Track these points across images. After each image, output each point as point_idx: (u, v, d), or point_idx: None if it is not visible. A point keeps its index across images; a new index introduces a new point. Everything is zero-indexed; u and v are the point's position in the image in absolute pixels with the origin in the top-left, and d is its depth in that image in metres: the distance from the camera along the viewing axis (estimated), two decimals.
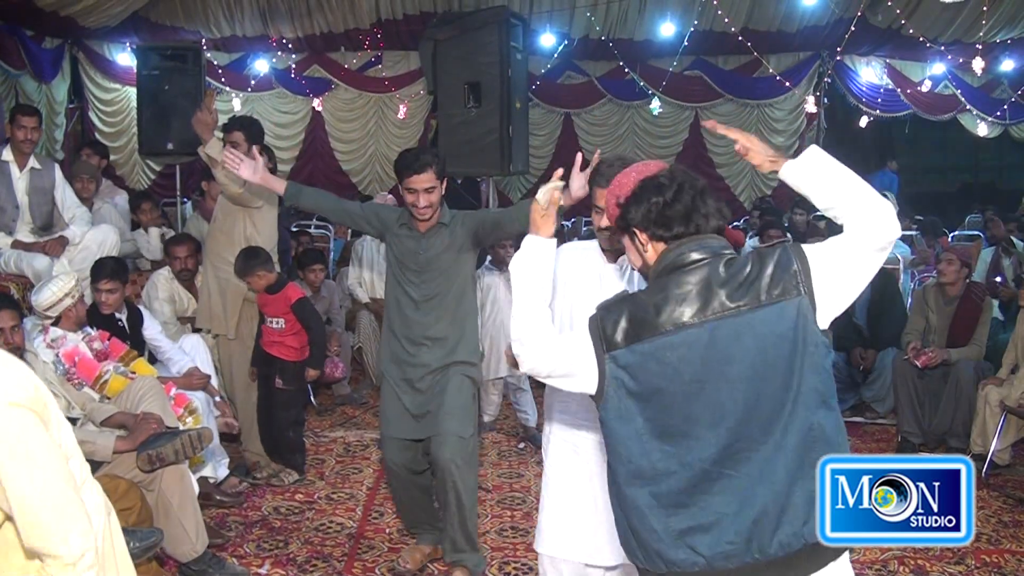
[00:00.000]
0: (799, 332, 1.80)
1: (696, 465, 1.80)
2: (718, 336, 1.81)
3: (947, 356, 5.24)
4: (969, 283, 5.50)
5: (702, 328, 1.81)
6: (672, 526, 1.80)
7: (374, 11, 11.19)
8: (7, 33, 9.26)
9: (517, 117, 5.80)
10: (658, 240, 1.92)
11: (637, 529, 1.86)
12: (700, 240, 1.89)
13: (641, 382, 1.84)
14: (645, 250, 1.95)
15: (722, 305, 1.81)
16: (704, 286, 1.83)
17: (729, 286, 1.82)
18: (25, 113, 5.05)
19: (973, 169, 14.76)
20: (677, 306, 1.82)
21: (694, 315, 1.81)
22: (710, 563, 1.78)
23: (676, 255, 1.88)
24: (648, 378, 1.83)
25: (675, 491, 1.81)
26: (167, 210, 8.28)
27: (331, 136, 12.39)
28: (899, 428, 5.51)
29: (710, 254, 1.87)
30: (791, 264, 1.83)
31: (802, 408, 1.79)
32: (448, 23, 6.33)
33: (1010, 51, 11.10)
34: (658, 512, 1.82)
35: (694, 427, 1.81)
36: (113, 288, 4.38)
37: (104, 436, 3.53)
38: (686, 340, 1.81)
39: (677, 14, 11.11)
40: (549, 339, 2.02)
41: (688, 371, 1.81)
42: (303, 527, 4.27)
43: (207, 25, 11.24)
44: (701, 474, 1.80)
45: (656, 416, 1.83)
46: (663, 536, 1.81)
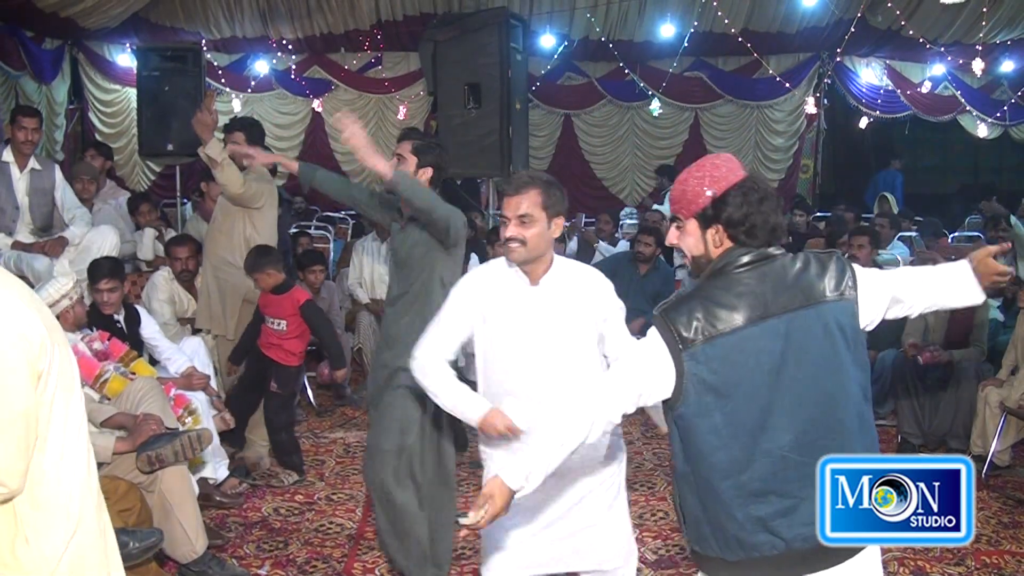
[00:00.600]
0: (852, 329, 1.96)
1: (775, 453, 1.90)
2: (793, 328, 1.93)
3: (950, 357, 5.24)
4: None
5: (780, 320, 1.92)
6: (753, 513, 1.89)
7: (374, 12, 11.20)
8: (7, 34, 9.27)
9: (517, 118, 5.82)
10: (732, 240, 2.01)
11: (716, 519, 1.94)
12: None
13: (722, 375, 1.92)
14: (716, 244, 2.02)
15: (796, 299, 1.94)
16: (779, 281, 1.95)
17: (800, 282, 1.96)
18: (26, 114, 5.06)
19: (973, 170, 14.74)
20: (757, 300, 1.93)
21: (773, 308, 1.93)
22: (789, 545, 1.89)
23: (748, 253, 1.99)
24: (729, 371, 1.92)
25: (756, 480, 1.90)
26: (167, 211, 8.29)
27: (331, 137, 12.37)
28: (899, 429, 5.51)
29: (777, 252, 2.01)
30: (846, 270, 1.99)
31: (853, 398, 1.94)
32: (448, 24, 6.35)
33: (1010, 52, 11.10)
34: (740, 501, 1.90)
35: (771, 417, 1.91)
36: (113, 287, 4.39)
37: (104, 437, 3.53)
38: (766, 332, 1.92)
39: (677, 15, 11.12)
40: (610, 387, 2.04)
41: (768, 362, 1.92)
42: (303, 528, 4.27)
43: (207, 26, 11.24)
44: (780, 461, 1.90)
45: (735, 409, 1.91)
46: (745, 524, 1.90)
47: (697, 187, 2.04)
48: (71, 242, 5.02)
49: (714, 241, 2.02)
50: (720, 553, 1.96)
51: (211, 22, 11.21)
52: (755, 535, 1.91)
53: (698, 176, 2.05)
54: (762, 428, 1.91)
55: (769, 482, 1.91)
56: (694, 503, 1.99)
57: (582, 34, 11.60)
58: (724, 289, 1.96)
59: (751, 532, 1.91)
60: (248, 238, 4.84)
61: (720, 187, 2.01)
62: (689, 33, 11.02)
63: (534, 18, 10.82)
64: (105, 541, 1.91)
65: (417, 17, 11.11)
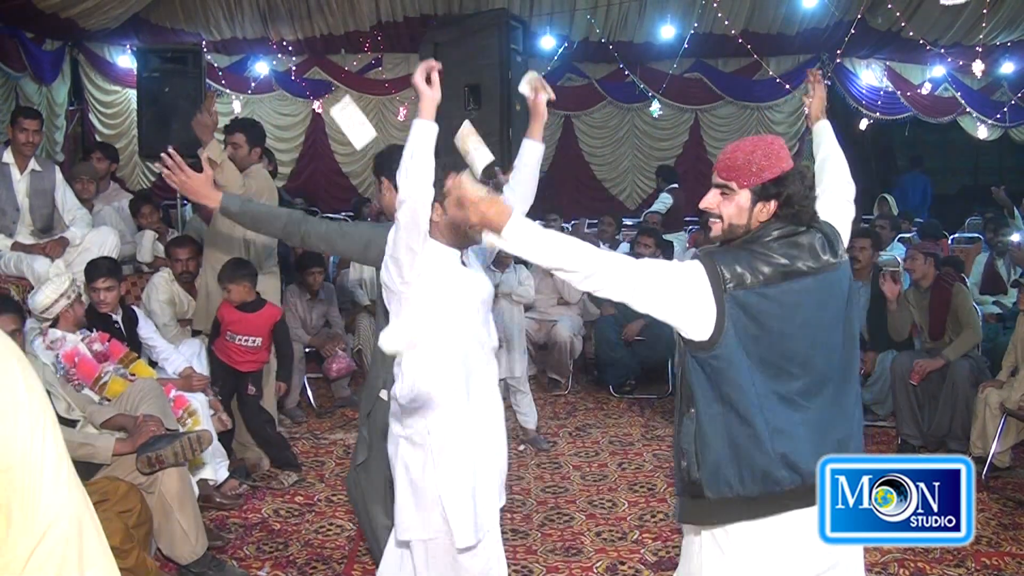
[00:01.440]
0: (850, 282, 2.26)
1: (796, 393, 2.12)
2: (822, 285, 2.17)
3: (943, 359, 5.24)
4: (939, 273, 5.55)
5: (815, 278, 2.15)
6: (778, 449, 2.08)
7: (374, 13, 11.20)
8: (7, 35, 9.26)
9: (517, 119, 5.80)
10: (776, 216, 2.20)
11: (747, 455, 2.10)
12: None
13: (759, 322, 2.10)
14: (759, 215, 2.20)
15: (826, 261, 2.18)
16: (811, 246, 2.18)
17: (824, 247, 2.20)
18: (27, 116, 5.06)
19: (973, 172, 14.75)
20: (797, 260, 2.14)
21: (809, 267, 2.15)
22: (804, 480, 2.08)
23: (780, 228, 2.18)
24: (767, 319, 2.11)
25: (780, 416, 2.10)
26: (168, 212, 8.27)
27: (331, 138, 12.38)
28: (898, 431, 5.51)
29: (800, 229, 2.21)
30: (838, 233, 2.31)
31: (856, 347, 2.23)
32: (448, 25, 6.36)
33: (1010, 54, 11.09)
34: (768, 436, 2.08)
35: (788, 364, 2.13)
36: (111, 286, 4.39)
37: (104, 438, 3.53)
38: (804, 287, 2.14)
39: (677, 16, 11.12)
40: (634, 265, 2.17)
41: (800, 315, 2.14)
42: (303, 529, 4.27)
43: (207, 27, 11.24)
44: (790, 403, 2.12)
45: (762, 353, 2.11)
46: (773, 457, 2.08)
47: (764, 163, 2.18)
48: (71, 243, 5.02)
49: (759, 214, 2.19)
50: (741, 491, 2.10)
51: (211, 23, 11.21)
52: (780, 470, 2.07)
53: (765, 151, 2.20)
54: (788, 372, 2.12)
55: (790, 417, 2.10)
56: (721, 445, 2.12)
57: (582, 35, 11.60)
58: (761, 252, 2.14)
59: (777, 467, 2.07)
60: (247, 240, 4.84)
61: (783, 167, 2.20)
62: (689, 34, 11.02)
63: (534, 20, 10.82)
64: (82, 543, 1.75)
65: (417, 18, 11.11)
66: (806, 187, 2.21)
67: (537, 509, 4.59)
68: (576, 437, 5.76)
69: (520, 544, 4.10)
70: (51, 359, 3.85)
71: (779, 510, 2.10)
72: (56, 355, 3.87)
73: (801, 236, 2.19)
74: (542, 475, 5.11)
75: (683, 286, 2.11)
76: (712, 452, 2.13)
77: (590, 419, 6.15)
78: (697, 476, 2.15)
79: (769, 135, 2.33)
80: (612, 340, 6.51)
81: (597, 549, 4.06)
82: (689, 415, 2.17)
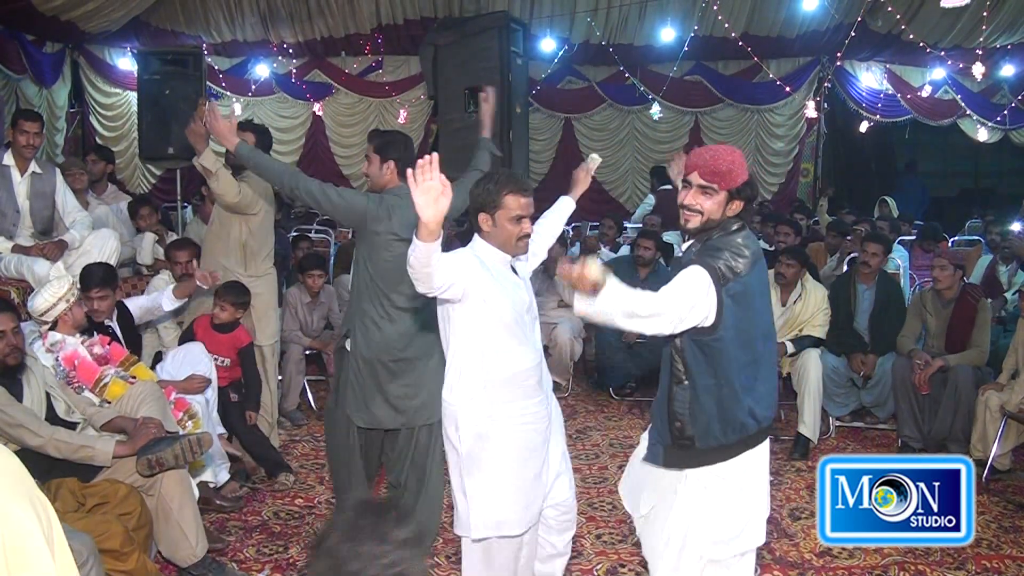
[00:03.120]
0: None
1: (756, 354, 2.72)
2: (763, 267, 2.78)
3: (943, 363, 5.23)
4: (964, 285, 5.52)
5: (760, 262, 2.73)
6: (746, 403, 2.70)
7: (375, 16, 11.21)
8: (8, 38, 9.28)
9: (517, 122, 5.82)
10: (736, 211, 2.72)
11: (730, 411, 2.68)
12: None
13: (741, 304, 2.64)
14: (728, 212, 2.71)
15: (760, 248, 2.77)
16: (754, 237, 2.76)
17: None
18: (28, 118, 5.05)
19: (973, 174, 14.76)
20: (751, 251, 2.68)
21: (756, 256, 2.71)
22: (760, 424, 2.74)
23: (738, 221, 2.73)
24: (745, 300, 2.65)
25: (748, 376, 2.70)
26: (169, 214, 8.28)
27: (331, 140, 12.41)
28: (899, 433, 5.51)
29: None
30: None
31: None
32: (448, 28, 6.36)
33: (1010, 56, 11.11)
34: (743, 394, 2.69)
35: (755, 333, 2.71)
36: (104, 295, 4.38)
37: (104, 441, 3.52)
38: (759, 270, 2.73)
39: (677, 19, 11.13)
40: (666, 298, 2.61)
41: (759, 293, 2.75)
42: (303, 532, 4.26)
43: (208, 30, 11.25)
44: (754, 365, 2.72)
45: (740, 328, 2.65)
46: (745, 409, 2.69)
47: (740, 171, 2.69)
48: (71, 245, 5.01)
49: (729, 211, 2.71)
50: (723, 440, 2.70)
51: (212, 26, 11.22)
52: (748, 420, 2.70)
53: (739, 161, 2.70)
54: (753, 338, 2.70)
55: (753, 380, 2.72)
56: (711, 407, 2.68)
57: (582, 38, 11.61)
58: (731, 245, 2.67)
59: (747, 418, 2.70)
60: (245, 242, 4.84)
61: (747, 175, 2.72)
62: (689, 37, 11.04)
63: (534, 22, 10.83)
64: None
65: (418, 21, 11.12)
66: (755, 194, 2.81)
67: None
68: (576, 439, 5.75)
69: None
70: (51, 362, 3.85)
71: (745, 449, 2.73)
72: (56, 358, 3.86)
73: (747, 229, 2.74)
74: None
75: (702, 296, 2.59)
76: (704, 413, 2.69)
77: (590, 421, 6.15)
78: (691, 432, 2.71)
79: (732, 147, 2.78)
80: (612, 343, 6.51)
81: (597, 551, 4.06)
82: (682, 386, 2.72)
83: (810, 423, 5.42)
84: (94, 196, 6.22)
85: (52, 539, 1.43)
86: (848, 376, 5.73)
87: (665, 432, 2.77)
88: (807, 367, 5.49)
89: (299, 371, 6.07)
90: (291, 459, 5.28)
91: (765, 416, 2.76)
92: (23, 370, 3.50)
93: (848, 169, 13.42)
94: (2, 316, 3.40)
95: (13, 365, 3.42)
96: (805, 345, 5.58)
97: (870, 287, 5.77)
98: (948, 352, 5.35)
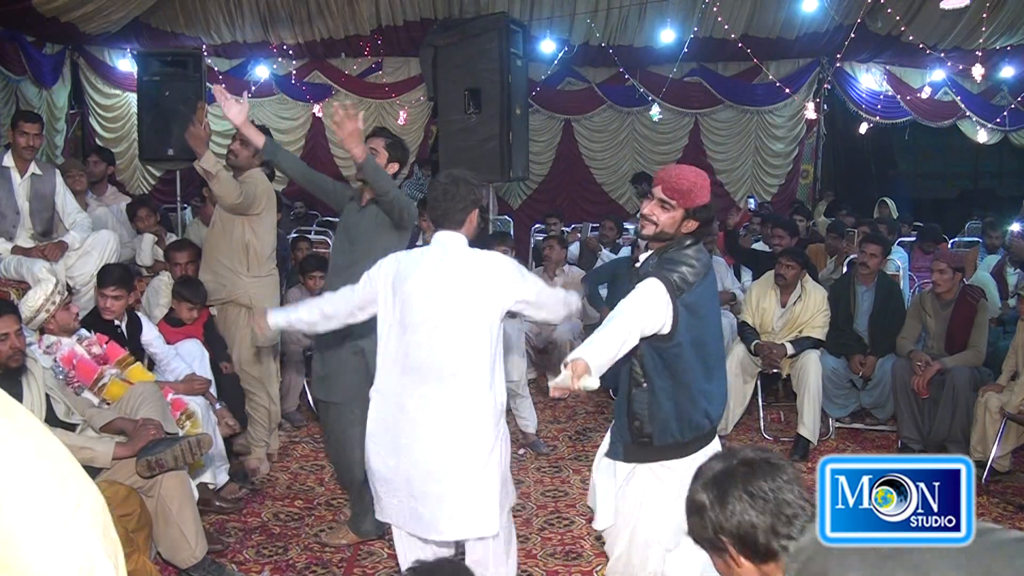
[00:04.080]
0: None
1: (708, 363, 2.97)
2: (712, 279, 3.02)
3: (941, 365, 5.24)
4: (964, 286, 5.52)
5: (708, 275, 2.97)
6: (702, 404, 2.95)
7: (375, 17, 11.21)
8: (8, 39, 9.29)
9: (517, 123, 5.82)
10: (691, 230, 2.95)
11: (686, 412, 2.93)
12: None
13: (693, 312, 2.86)
14: (683, 229, 2.94)
15: (709, 261, 3.02)
16: (704, 252, 3.00)
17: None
18: (28, 120, 5.05)
19: (973, 176, 14.78)
20: (704, 262, 2.94)
21: (706, 267, 2.95)
22: (713, 423, 3.03)
23: (690, 238, 2.96)
24: (697, 309, 2.88)
25: (703, 381, 2.95)
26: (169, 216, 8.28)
27: (331, 142, 12.40)
28: (899, 434, 5.51)
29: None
30: None
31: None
32: (448, 30, 6.35)
33: (1010, 57, 11.11)
34: (698, 397, 2.93)
35: (707, 339, 2.96)
36: (118, 295, 4.39)
37: (103, 442, 3.52)
38: (708, 282, 2.97)
39: (677, 21, 11.12)
40: (634, 316, 2.80)
41: (709, 303, 3.00)
42: (303, 533, 4.27)
43: (208, 31, 11.25)
44: (708, 369, 2.96)
45: (694, 335, 2.88)
46: (701, 410, 2.95)
47: (700, 193, 2.91)
48: (71, 247, 5.01)
49: (683, 228, 2.93)
50: (680, 438, 2.95)
51: (212, 27, 11.22)
52: (703, 420, 2.97)
53: (702, 184, 2.94)
54: (706, 343, 2.95)
55: (707, 380, 2.97)
56: (669, 408, 2.91)
57: (582, 39, 11.60)
58: (685, 259, 2.90)
59: (701, 418, 2.96)
60: (248, 243, 4.84)
61: (708, 198, 2.95)
62: (689, 38, 11.03)
63: (534, 23, 10.83)
64: None
65: (418, 22, 11.11)
66: (712, 216, 3.04)
67: (537, 513, 4.59)
68: (576, 441, 5.75)
69: (520, 548, 4.08)
70: (50, 363, 3.84)
71: (698, 448, 2.96)
72: (54, 359, 3.86)
73: (698, 245, 2.98)
74: (542, 479, 5.11)
75: (659, 306, 2.80)
76: (662, 412, 2.92)
77: (590, 423, 6.15)
78: (649, 430, 2.94)
79: (699, 169, 3.03)
80: None
81: (597, 553, 4.06)
82: (641, 388, 2.94)
83: (810, 424, 5.42)
84: (94, 197, 6.23)
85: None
86: (848, 377, 5.74)
87: (625, 430, 3.01)
88: (807, 368, 5.49)
89: (299, 372, 6.07)
90: (290, 460, 5.29)
91: (718, 415, 3.05)
92: (23, 372, 3.50)
93: (848, 170, 13.44)
94: (5, 318, 3.40)
95: (15, 367, 3.42)
96: (805, 346, 5.58)
97: (869, 288, 5.77)
98: (948, 353, 5.35)
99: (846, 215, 9.49)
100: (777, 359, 5.59)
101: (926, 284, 6.60)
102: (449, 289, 3.00)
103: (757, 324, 5.75)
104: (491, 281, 3.02)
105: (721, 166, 12.58)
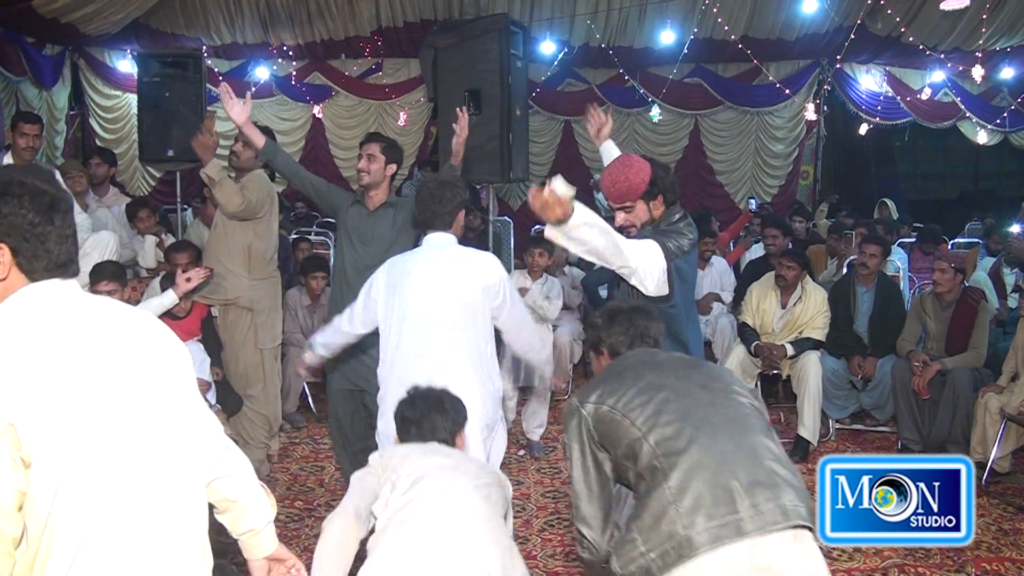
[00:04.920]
0: None
1: (691, 318, 3.39)
2: (696, 253, 3.37)
3: (941, 366, 5.24)
4: (964, 288, 5.52)
5: (696, 249, 3.37)
6: (694, 352, 3.29)
7: (375, 18, 11.21)
8: (8, 40, 9.28)
9: (517, 124, 5.81)
10: (665, 203, 3.24)
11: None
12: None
13: (683, 276, 3.17)
14: (655, 210, 3.22)
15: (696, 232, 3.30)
16: (693, 224, 3.28)
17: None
18: (27, 120, 5.05)
19: (973, 177, 14.77)
20: (692, 236, 3.21)
21: (696, 241, 3.28)
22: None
23: (677, 212, 3.26)
24: (687, 274, 3.21)
25: (691, 333, 3.31)
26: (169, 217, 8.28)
27: (331, 143, 12.41)
28: (899, 435, 5.51)
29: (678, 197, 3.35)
30: None
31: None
32: (448, 31, 6.34)
33: (1010, 59, 11.12)
34: (691, 348, 3.27)
35: (692, 298, 3.36)
36: (113, 290, 4.37)
37: None
38: (694, 255, 3.28)
39: (677, 22, 11.13)
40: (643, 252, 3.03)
41: (692, 271, 3.32)
42: (303, 534, 4.26)
43: (208, 32, 11.25)
44: (697, 339, 3.41)
45: (685, 295, 3.22)
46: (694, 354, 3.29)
47: (635, 179, 3.16)
48: None
49: (655, 209, 3.21)
50: None
51: (212, 28, 11.22)
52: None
53: (631, 172, 3.16)
54: (692, 304, 3.37)
55: (697, 340, 3.38)
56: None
57: (582, 41, 11.61)
58: (677, 230, 3.17)
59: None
60: (249, 245, 4.83)
61: (648, 173, 3.17)
62: (689, 40, 11.04)
63: (534, 25, 10.83)
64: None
65: (417, 23, 11.11)
66: (665, 171, 3.27)
67: (537, 514, 4.59)
68: None
69: (520, 548, 4.09)
70: None
71: None
72: None
73: (688, 218, 3.24)
74: (542, 480, 5.11)
75: (654, 257, 3.02)
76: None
77: None
78: None
79: (625, 156, 3.29)
80: None
81: None
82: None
83: (810, 425, 5.42)
84: (95, 199, 6.22)
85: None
86: (848, 378, 5.73)
87: None
88: (807, 369, 5.48)
89: (299, 373, 6.05)
90: (290, 461, 5.29)
91: (696, 353, 3.37)
92: None
93: (848, 172, 13.44)
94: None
95: None
96: (805, 347, 5.58)
97: (869, 289, 5.77)
98: (948, 355, 5.35)
99: (845, 216, 9.49)
100: (777, 360, 5.59)
101: (926, 285, 6.59)
102: (445, 283, 3.25)
103: (757, 325, 5.76)
104: (480, 276, 3.30)
105: (721, 167, 12.59)
